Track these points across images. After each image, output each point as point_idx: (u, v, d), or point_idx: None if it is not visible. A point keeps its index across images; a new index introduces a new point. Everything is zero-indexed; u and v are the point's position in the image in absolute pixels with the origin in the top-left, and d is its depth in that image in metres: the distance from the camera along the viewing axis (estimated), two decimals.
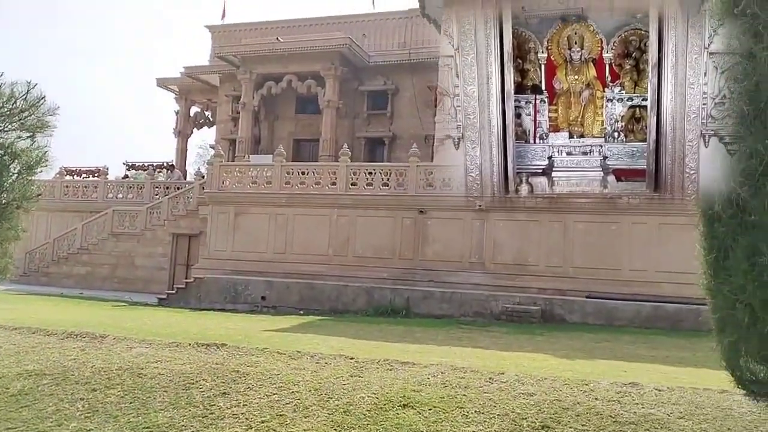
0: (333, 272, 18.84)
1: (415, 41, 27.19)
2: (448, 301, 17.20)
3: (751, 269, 2.89)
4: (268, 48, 25.99)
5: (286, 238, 19.74)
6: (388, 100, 26.85)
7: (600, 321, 15.77)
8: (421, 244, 18.63)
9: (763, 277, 2.84)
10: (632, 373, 8.15)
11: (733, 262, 3.00)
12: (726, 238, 3.06)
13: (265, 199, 20.07)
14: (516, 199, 17.73)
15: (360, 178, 19.42)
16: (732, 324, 3.17)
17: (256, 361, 7.91)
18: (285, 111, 28.11)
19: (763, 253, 2.83)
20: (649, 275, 15.94)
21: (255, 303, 18.75)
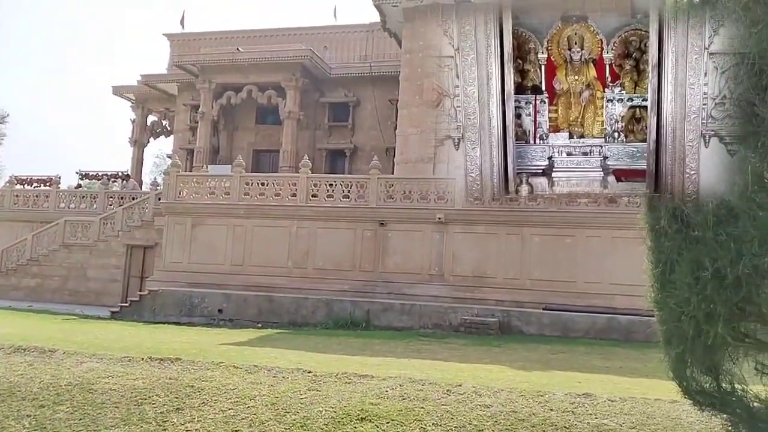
0: (292, 284, 18.68)
1: (377, 54, 27.42)
2: (408, 313, 17.24)
3: (695, 283, 3.00)
4: (228, 58, 25.79)
5: (244, 249, 19.49)
6: (349, 112, 26.94)
7: (556, 332, 16.02)
8: (382, 256, 18.66)
9: (707, 291, 2.95)
10: (586, 384, 8.30)
11: (679, 276, 3.11)
12: (671, 253, 3.17)
13: (224, 210, 19.81)
14: (475, 211, 17.97)
15: (321, 189, 19.37)
16: (678, 336, 3.27)
17: (212, 376, 7.77)
18: (245, 121, 27.89)
19: (706, 267, 2.94)
20: (603, 287, 16.32)
21: (212, 316, 18.42)
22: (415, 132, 22.00)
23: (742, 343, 3.25)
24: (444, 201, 18.41)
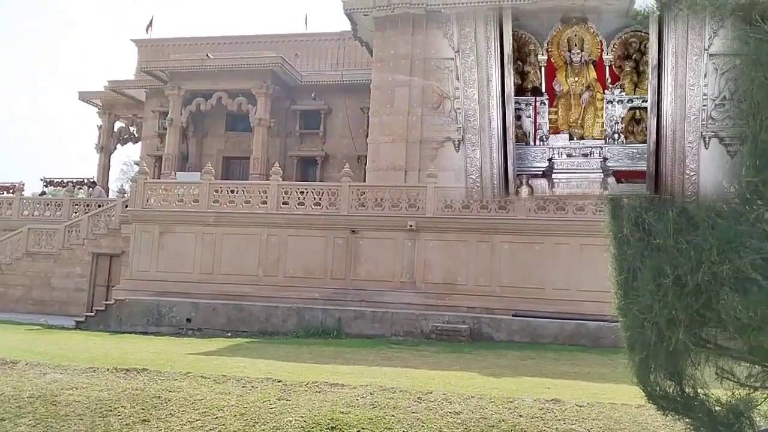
0: (262, 293, 18.51)
1: (348, 62, 27.47)
2: (380, 320, 17.23)
3: (656, 290, 3.07)
4: (197, 64, 25.54)
5: (213, 257, 19.27)
6: (320, 119, 26.89)
7: (526, 338, 16.18)
8: (353, 264, 18.63)
9: (668, 298, 3.02)
10: (555, 390, 8.41)
11: (641, 283, 3.18)
12: (634, 260, 3.24)
13: (192, 217, 19.56)
14: (446, 219, 18.10)
15: (292, 197, 19.28)
16: (641, 342, 3.34)
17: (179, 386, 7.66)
18: (214, 128, 27.63)
19: (668, 275, 3.01)
20: (572, 294, 16.55)
21: (180, 326, 18.13)
22: (386, 140, 22.07)
23: (703, 348, 3.33)
24: (415, 209, 18.49)
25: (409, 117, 21.94)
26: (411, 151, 21.82)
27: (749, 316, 2.95)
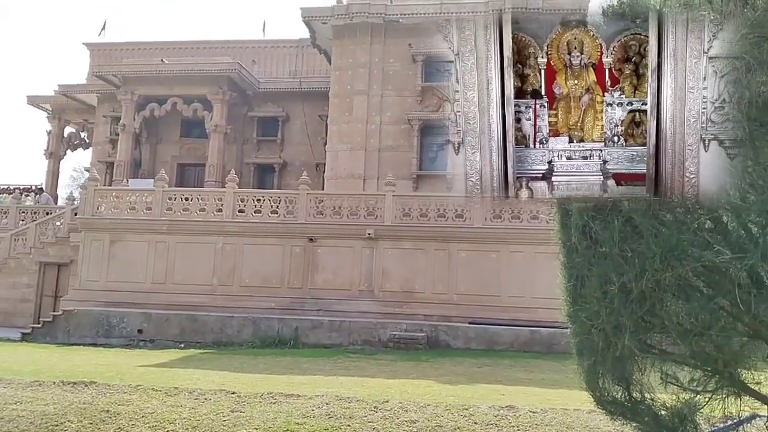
0: (217, 303, 18.20)
1: (307, 70, 27.39)
2: (337, 329, 17.13)
3: (603, 297, 3.14)
4: (151, 69, 25.05)
5: (166, 267, 18.84)
6: (278, 126, 26.69)
7: (482, 346, 16.33)
8: (311, 273, 18.50)
9: (614, 304, 3.09)
10: (510, 396, 8.50)
11: (588, 290, 3.24)
12: (582, 268, 3.30)
13: (145, 225, 19.11)
14: (404, 227, 18.17)
15: (248, 205, 19.03)
16: (589, 348, 3.41)
17: (129, 399, 7.45)
18: (169, 134, 27.10)
19: (614, 282, 3.08)
20: (526, 301, 16.80)
21: (131, 337, 17.65)
22: (345, 148, 22.08)
23: (648, 354, 3.43)
24: (374, 217, 18.50)
25: (368, 125, 22.01)
26: (370, 159, 21.89)
27: (691, 322, 3.05)
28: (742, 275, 3.08)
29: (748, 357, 3.59)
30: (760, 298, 3.11)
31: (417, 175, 21.57)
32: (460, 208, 18.23)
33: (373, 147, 21.94)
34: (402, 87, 22.12)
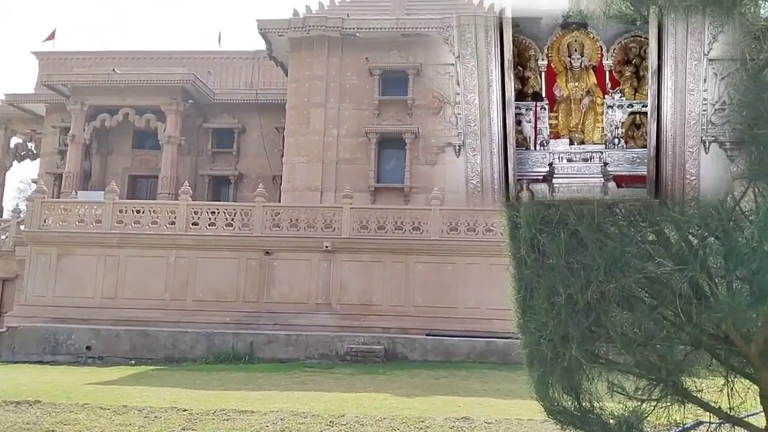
0: (169, 318, 17.77)
1: (264, 82, 27.20)
2: (294, 343, 16.93)
3: (551, 308, 3.20)
4: (103, 78, 24.46)
5: (117, 281, 18.32)
6: (234, 138, 26.38)
7: (439, 357, 16.40)
8: (267, 286, 18.28)
9: (561, 315, 3.15)
10: (466, 408, 8.55)
11: (537, 302, 3.30)
12: (531, 280, 3.36)
13: (94, 239, 18.56)
14: (362, 240, 18.15)
15: (202, 217, 18.70)
16: (539, 358, 3.46)
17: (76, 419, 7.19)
18: (120, 145, 26.46)
19: (561, 293, 3.15)
20: (482, 312, 16.96)
21: (79, 354, 17.06)
22: (302, 160, 21.98)
23: (595, 363, 3.50)
24: (331, 229, 18.44)
25: (326, 138, 22.00)
26: (327, 172, 21.85)
27: (635, 332, 3.13)
28: (683, 286, 3.18)
29: (691, 366, 3.70)
30: (701, 308, 3.21)
31: (375, 187, 21.63)
32: (417, 221, 18.35)
33: (331, 159, 21.91)
34: (359, 100, 22.21)
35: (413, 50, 22.00)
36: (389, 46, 22.02)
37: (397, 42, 21.92)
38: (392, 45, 22.01)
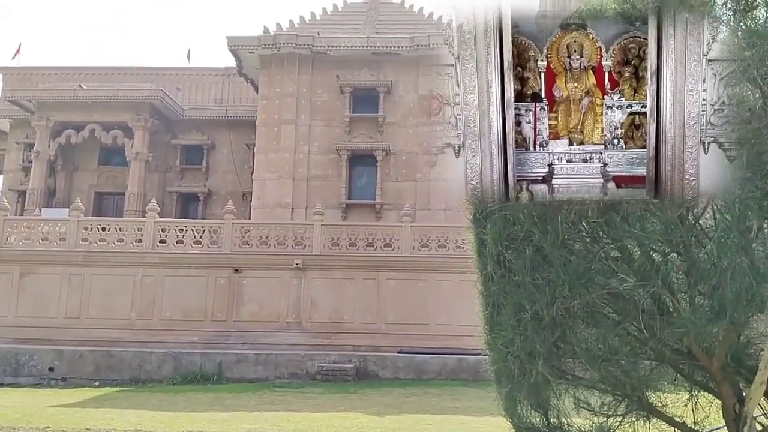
0: (135, 338, 17.37)
1: (234, 98, 27.06)
2: (263, 363, 16.68)
3: (517, 324, 3.21)
4: (69, 94, 24.06)
5: (81, 300, 17.87)
6: (203, 155, 26.14)
7: (410, 375, 16.32)
8: (236, 305, 18.02)
9: (527, 332, 3.16)
10: (437, 426, 8.51)
11: (504, 318, 3.31)
12: (498, 296, 3.37)
13: (58, 257, 18.11)
14: (333, 256, 18.06)
15: (170, 235, 18.40)
16: (506, 375, 3.46)
17: None
18: (86, 162, 25.98)
19: (527, 310, 3.16)
20: (453, 329, 16.96)
21: (41, 375, 16.55)
22: (272, 177, 21.87)
23: (561, 380, 3.51)
24: (302, 246, 18.31)
25: (296, 154, 21.95)
26: (298, 189, 21.78)
27: (599, 348, 3.15)
28: (646, 301, 3.22)
29: (655, 381, 3.74)
30: (664, 324, 3.26)
31: (346, 204, 21.61)
32: (389, 237, 18.35)
33: (302, 176, 21.85)
34: (330, 117, 22.24)
35: (384, 68, 22.21)
36: (360, 64, 22.16)
37: (368, 60, 22.08)
38: (363, 63, 22.16)
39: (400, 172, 21.87)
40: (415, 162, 21.84)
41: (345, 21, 23.96)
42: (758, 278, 2.89)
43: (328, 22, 23.97)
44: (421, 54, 21.65)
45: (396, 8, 24.99)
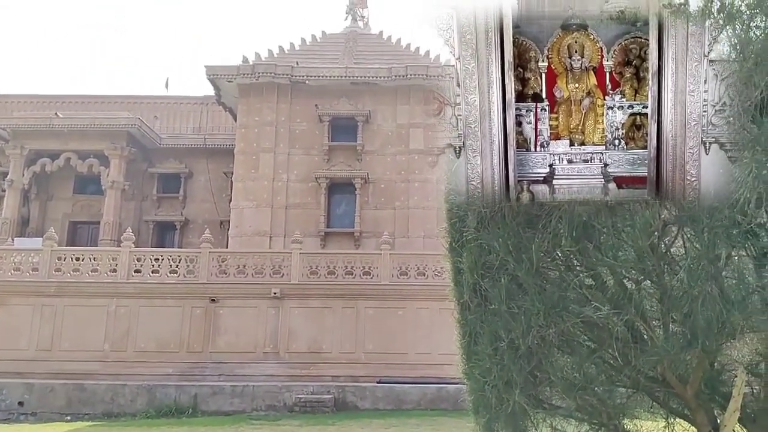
0: (109, 370, 16.98)
1: (212, 127, 27.05)
2: (240, 395, 16.37)
3: (494, 353, 3.21)
4: (44, 122, 23.85)
5: (53, 332, 17.46)
6: (181, 183, 25.96)
7: (390, 405, 16.13)
8: (212, 335, 17.74)
9: (504, 361, 3.16)
10: None
11: (481, 347, 3.31)
12: (474, 325, 3.37)
13: (30, 288, 17.73)
14: (311, 285, 17.93)
15: (145, 264, 18.14)
16: (484, 405, 3.44)
17: None
18: (61, 191, 25.64)
19: (503, 338, 3.17)
20: (433, 357, 16.86)
21: (10, 410, 16.05)
22: (251, 205, 21.78)
23: (539, 409, 3.50)
24: (280, 275, 18.16)
25: (275, 182, 21.92)
26: (277, 217, 21.69)
27: (574, 376, 3.16)
28: (621, 329, 3.25)
29: (632, 408, 3.74)
30: (638, 351, 3.28)
31: (325, 232, 21.56)
32: (368, 266, 18.30)
33: (280, 204, 21.80)
34: (309, 146, 22.32)
35: (362, 98, 22.43)
36: (339, 94, 22.35)
37: (347, 90, 22.29)
38: (341, 92, 22.35)
39: (378, 200, 21.94)
40: (394, 190, 21.95)
41: (324, 51, 24.24)
42: (728, 306, 2.94)
43: (307, 52, 24.23)
44: (399, 84, 21.96)
45: (374, 39, 25.39)
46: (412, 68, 21.79)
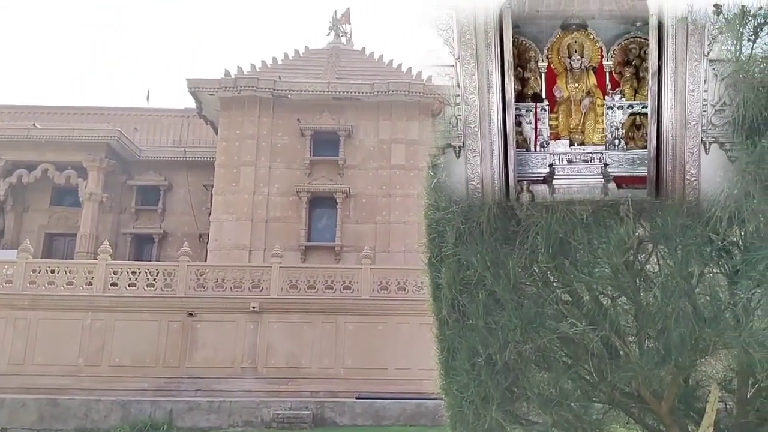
0: (83, 385, 16.63)
1: (193, 140, 26.91)
2: (217, 411, 16.13)
3: (472, 369, 3.22)
4: (21, 133, 23.53)
5: (26, 346, 17.07)
6: (160, 196, 25.71)
7: (369, 421, 16.01)
8: (189, 350, 17.49)
9: (481, 376, 3.17)
10: None
11: (459, 363, 3.31)
12: (453, 340, 3.38)
13: (3, 300, 17.34)
14: (291, 299, 17.80)
15: (122, 277, 17.87)
16: (461, 420, 3.44)
17: None
18: (37, 202, 25.24)
19: (480, 354, 3.18)
20: (412, 373, 16.77)
21: None
22: (230, 218, 21.63)
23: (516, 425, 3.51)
24: (259, 289, 18.02)
25: (255, 196, 21.82)
26: (257, 230, 21.56)
27: (551, 392, 3.18)
28: (596, 345, 3.28)
29: (608, 424, 3.77)
30: (614, 367, 3.31)
31: (305, 246, 21.47)
32: (348, 280, 18.23)
33: (261, 218, 21.68)
34: (290, 160, 22.28)
35: (344, 113, 22.49)
36: (321, 108, 22.40)
37: (329, 104, 22.35)
38: (324, 107, 22.40)
39: (360, 215, 21.93)
40: (375, 205, 21.97)
41: (306, 66, 24.30)
42: (701, 323, 2.98)
43: (289, 66, 24.27)
44: (381, 99, 22.07)
45: (357, 55, 25.54)
46: (395, 84, 21.95)
